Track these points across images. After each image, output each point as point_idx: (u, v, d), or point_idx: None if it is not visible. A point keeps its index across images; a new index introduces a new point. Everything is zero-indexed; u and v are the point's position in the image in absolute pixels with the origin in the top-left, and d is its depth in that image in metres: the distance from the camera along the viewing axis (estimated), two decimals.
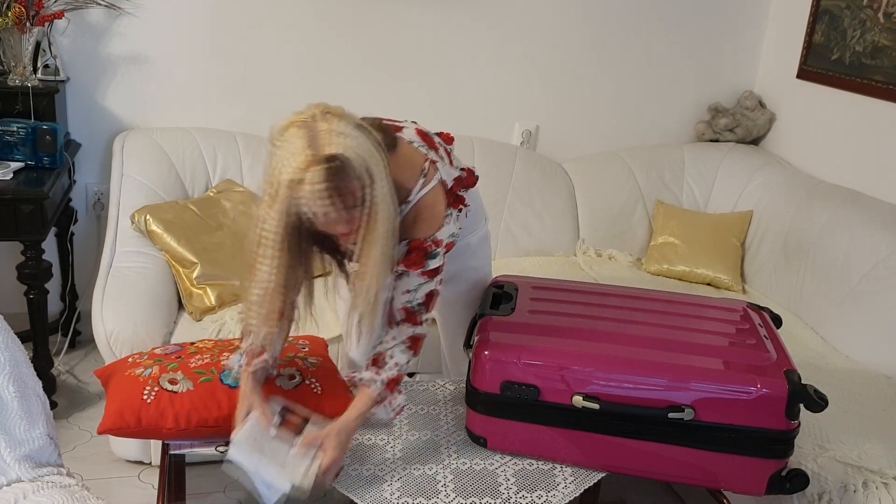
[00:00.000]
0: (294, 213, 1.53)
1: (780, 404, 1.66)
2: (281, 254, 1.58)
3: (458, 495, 1.66)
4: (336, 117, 1.55)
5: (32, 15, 2.68)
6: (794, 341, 2.62)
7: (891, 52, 2.90)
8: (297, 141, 1.49)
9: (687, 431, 1.70)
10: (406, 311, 1.76)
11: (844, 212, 2.86)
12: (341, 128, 1.53)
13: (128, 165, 2.86)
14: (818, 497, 1.93)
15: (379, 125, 1.74)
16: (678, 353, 1.76)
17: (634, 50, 3.45)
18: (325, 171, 1.47)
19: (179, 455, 1.79)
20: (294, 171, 1.48)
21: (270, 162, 1.53)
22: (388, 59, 3.22)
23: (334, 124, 1.53)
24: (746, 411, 1.66)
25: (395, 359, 1.74)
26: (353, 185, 1.51)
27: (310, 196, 1.48)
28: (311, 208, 1.50)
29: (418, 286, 1.76)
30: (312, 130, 1.51)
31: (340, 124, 1.53)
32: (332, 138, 1.50)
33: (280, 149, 1.52)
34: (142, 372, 1.77)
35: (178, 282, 2.61)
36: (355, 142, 1.52)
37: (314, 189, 1.48)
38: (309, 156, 1.48)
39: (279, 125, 1.56)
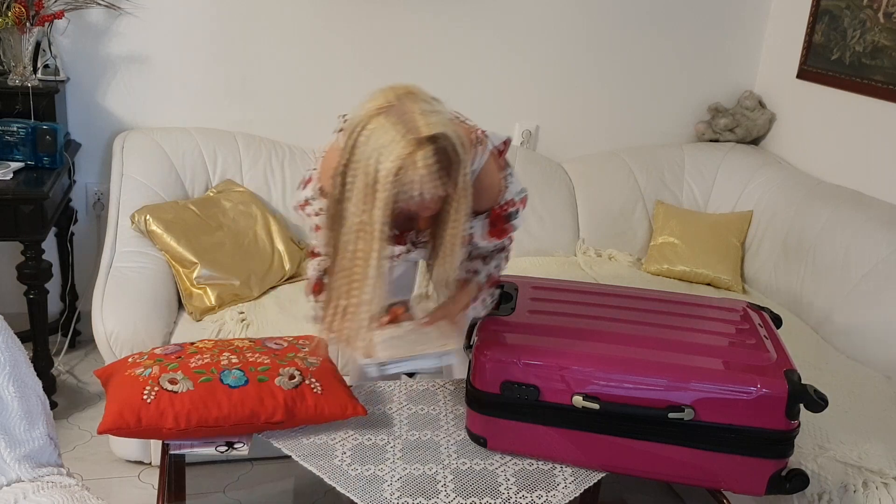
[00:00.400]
0: (396, 202, 1.50)
1: (780, 404, 1.65)
2: (384, 245, 1.54)
3: (458, 495, 1.66)
4: (419, 97, 1.53)
5: (32, 15, 2.68)
6: (794, 341, 2.61)
7: (891, 52, 2.90)
8: (391, 128, 1.46)
9: (687, 431, 1.70)
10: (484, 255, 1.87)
11: (844, 212, 2.86)
12: (430, 107, 1.51)
13: (128, 165, 2.86)
14: (818, 497, 1.93)
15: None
16: (678, 353, 1.76)
17: (634, 50, 3.45)
18: (434, 152, 1.46)
19: (179, 455, 1.79)
20: (399, 158, 1.45)
21: (363, 152, 1.48)
22: (387, 60, 3.22)
23: (422, 104, 1.51)
24: (746, 411, 1.66)
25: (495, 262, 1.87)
26: (455, 159, 1.51)
27: (420, 179, 1.46)
28: (421, 191, 1.48)
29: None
30: (403, 114, 1.48)
31: (426, 104, 1.52)
32: (429, 118, 1.48)
33: (374, 138, 1.47)
34: (142, 372, 1.77)
35: (178, 282, 2.61)
36: (446, 119, 1.52)
37: (427, 171, 1.46)
38: (412, 140, 1.45)
39: (356, 119, 1.52)
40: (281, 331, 2.47)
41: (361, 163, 1.49)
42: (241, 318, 2.54)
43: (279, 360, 1.84)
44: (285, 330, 2.47)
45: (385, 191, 1.47)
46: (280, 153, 3.08)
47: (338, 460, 1.74)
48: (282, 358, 1.86)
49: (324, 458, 1.74)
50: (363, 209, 1.51)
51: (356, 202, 1.51)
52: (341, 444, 1.79)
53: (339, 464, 1.73)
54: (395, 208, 1.51)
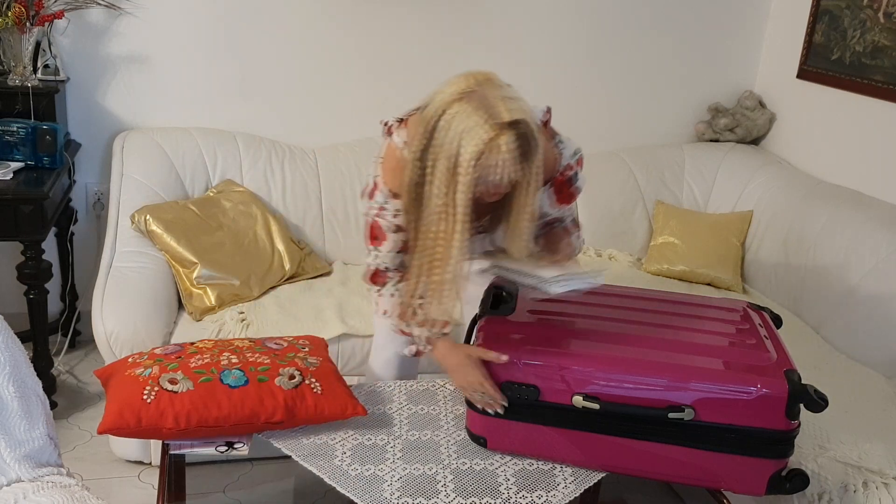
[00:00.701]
0: (476, 185, 1.55)
1: (780, 404, 1.65)
2: (466, 227, 1.60)
3: (458, 495, 1.66)
4: (498, 84, 1.57)
5: (32, 15, 2.68)
6: (794, 341, 2.61)
7: (891, 52, 2.90)
8: (473, 113, 1.51)
9: (687, 431, 1.70)
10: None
11: (844, 212, 2.86)
12: (509, 93, 1.56)
13: (128, 165, 2.86)
14: (818, 497, 1.93)
15: None
16: (678, 353, 1.76)
17: (634, 50, 3.45)
18: (516, 137, 1.51)
19: (179, 455, 1.79)
20: (481, 142, 1.50)
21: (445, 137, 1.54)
22: (387, 59, 3.22)
23: (501, 91, 1.56)
24: (747, 411, 1.66)
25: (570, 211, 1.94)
26: (533, 145, 1.55)
27: (502, 163, 1.52)
28: (502, 175, 1.54)
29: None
30: (484, 100, 1.53)
31: (506, 90, 1.56)
32: (509, 104, 1.53)
33: (456, 123, 1.53)
34: (142, 372, 1.77)
35: (178, 282, 2.61)
36: (525, 104, 1.56)
37: (509, 156, 1.51)
38: (494, 125, 1.50)
39: (434, 105, 1.58)
40: (281, 331, 2.47)
41: (444, 147, 1.54)
42: (241, 318, 2.54)
43: (279, 360, 1.84)
44: (285, 330, 2.47)
45: (467, 174, 1.53)
46: (280, 153, 3.08)
47: (338, 460, 1.74)
48: (282, 358, 1.86)
49: (324, 458, 1.74)
50: (444, 192, 1.57)
51: (437, 185, 1.57)
52: (341, 444, 1.79)
53: (339, 464, 1.73)
54: (475, 192, 1.57)
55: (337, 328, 2.52)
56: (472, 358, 1.74)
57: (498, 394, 1.73)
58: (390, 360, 2.21)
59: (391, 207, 1.81)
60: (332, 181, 3.08)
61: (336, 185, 3.08)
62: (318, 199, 3.06)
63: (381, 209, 1.83)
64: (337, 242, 3.08)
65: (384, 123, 1.85)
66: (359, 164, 3.12)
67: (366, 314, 2.63)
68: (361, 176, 3.11)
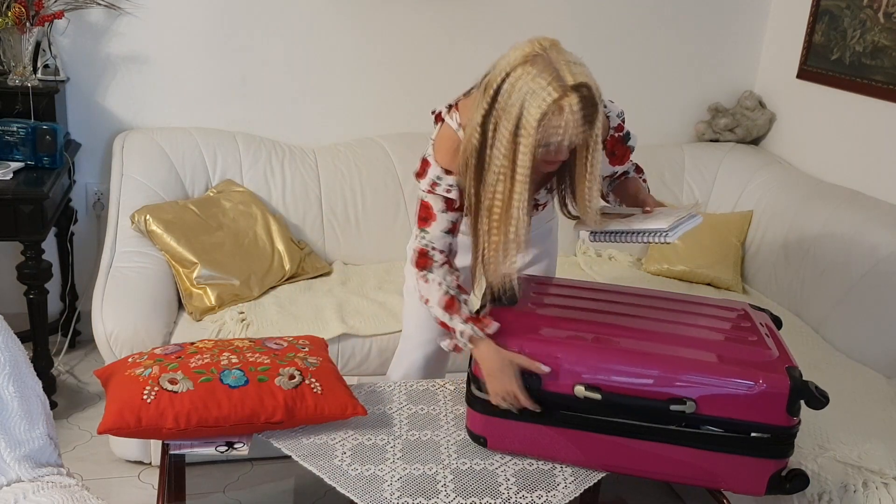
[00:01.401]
0: (538, 146, 1.58)
1: (781, 400, 1.65)
2: (526, 188, 1.61)
3: (458, 495, 1.66)
4: (562, 49, 1.60)
5: (32, 15, 2.68)
6: (794, 341, 2.61)
7: (891, 52, 2.90)
8: (538, 76, 1.54)
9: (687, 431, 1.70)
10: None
11: (844, 212, 2.86)
12: (573, 58, 1.58)
13: (128, 165, 2.86)
14: (818, 497, 1.93)
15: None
16: (680, 346, 1.76)
17: (634, 50, 3.45)
18: (580, 100, 1.53)
19: (179, 455, 1.79)
20: (545, 104, 1.53)
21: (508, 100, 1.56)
22: (387, 59, 3.22)
23: (566, 55, 1.58)
24: (748, 406, 1.66)
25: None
26: (595, 110, 1.58)
27: (566, 125, 1.54)
28: (565, 136, 1.56)
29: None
30: (548, 64, 1.55)
31: (571, 56, 1.58)
32: (573, 68, 1.55)
33: (520, 85, 1.55)
34: (142, 372, 1.77)
35: (178, 282, 2.61)
36: (588, 70, 1.58)
37: (572, 118, 1.54)
38: (559, 87, 1.53)
39: (498, 69, 1.61)
40: (281, 331, 2.47)
41: (507, 109, 1.57)
42: (241, 318, 2.54)
43: (279, 360, 1.84)
44: (285, 330, 2.47)
45: (529, 136, 1.55)
46: (280, 153, 3.08)
47: (338, 460, 1.74)
48: (282, 358, 1.86)
49: (324, 458, 1.74)
50: (505, 154, 1.59)
51: (499, 147, 1.60)
52: (341, 444, 1.79)
53: (339, 464, 1.73)
54: (538, 153, 1.59)
55: (337, 328, 2.52)
56: (513, 365, 1.72)
57: (530, 403, 1.72)
58: (417, 362, 2.22)
59: (444, 182, 1.81)
60: (332, 181, 3.08)
61: (336, 185, 3.08)
62: (318, 199, 3.06)
63: (434, 184, 1.82)
64: (337, 242, 3.08)
65: (433, 113, 1.89)
66: (359, 164, 3.13)
67: (366, 314, 2.63)
68: (361, 176, 3.11)
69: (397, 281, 2.79)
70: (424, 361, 2.22)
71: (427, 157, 1.85)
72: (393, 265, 3.01)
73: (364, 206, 3.10)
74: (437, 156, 1.82)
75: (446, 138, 1.80)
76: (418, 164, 1.88)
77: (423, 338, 2.20)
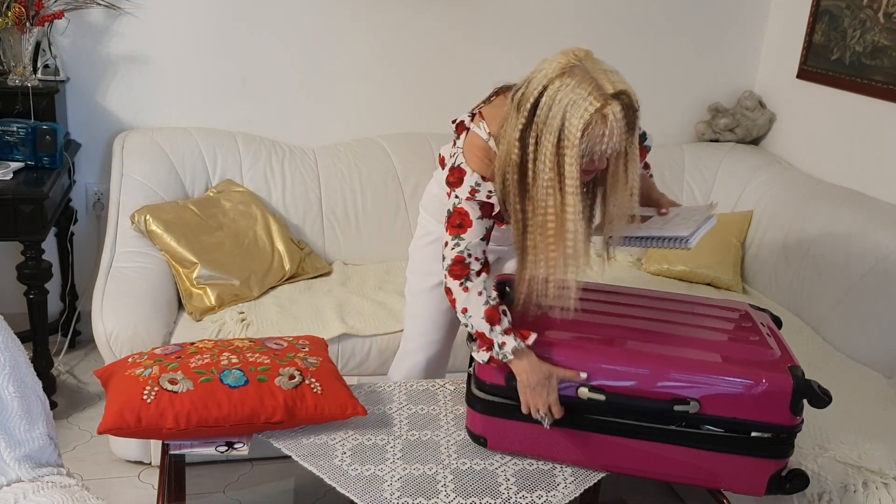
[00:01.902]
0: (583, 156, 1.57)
1: (784, 399, 1.66)
2: (577, 199, 1.60)
3: (458, 495, 1.66)
4: (596, 58, 1.62)
5: (32, 15, 2.68)
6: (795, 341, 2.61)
7: (891, 52, 2.90)
8: (577, 87, 1.55)
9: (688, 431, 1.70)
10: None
11: (844, 212, 2.86)
12: (608, 66, 1.60)
13: (128, 165, 2.86)
14: (818, 497, 1.93)
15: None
16: (682, 347, 1.76)
17: (634, 50, 3.45)
18: (623, 108, 1.55)
19: (179, 455, 1.79)
20: (587, 114, 1.53)
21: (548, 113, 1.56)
22: (388, 59, 3.22)
23: (601, 64, 1.60)
24: (751, 405, 1.66)
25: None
26: (636, 117, 1.59)
27: (610, 133, 1.55)
28: (609, 145, 1.56)
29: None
30: (587, 73, 1.57)
31: (604, 63, 1.60)
32: (611, 77, 1.57)
33: (560, 97, 1.55)
34: (142, 372, 1.77)
35: (178, 282, 2.61)
36: (623, 78, 1.60)
37: (617, 125, 1.54)
38: (600, 97, 1.54)
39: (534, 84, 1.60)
40: (281, 331, 2.47)
41: (548, 122, 1.57)
42: (241, 318, 2.54)
43: (279, 360, 1.84)
44: (285, 330, 2.47)
45: (573, 147, 1.55)
46: (280, 153, 3.08)
47: (338, 460, 1.74)
48: (282, 358, 1.86)
49: (324, 458, 1.74)
50: (551, 167, 1.58)
51: (543, 160, 1.59)
52: (341, 444, 1.79)
53: (339, 464, 1.73)
54: (585, 160, 1.59)
55: (337, 328, 2.52)
56: (554, 377, 1.71)
57: (560, 412, 1.71)
58: (418, 364, 2.22)
59: (484, 189, 1.79)
60: (332, 181, 3.08)
61: (336, 185, 3.08)
62: (318, 199, 3.06)
63: (474, 191, 1.80)
64: (337, 242, 3.08)
65: (454, 122, 1.89)
66: (359, 164, 3.13)
67: (366, 314, 2.63)
68: (361, 176, 3.11)
69: (397, 281, 2.79)
70: (426, 363, 2.22)
71: (461, 166, 1.81)
72: (393, 265, 3.01)
73: (364, 206, 3.10)
74: (472, 164, 1.79)
75: (477, 147, 1.78)
76: (446, 173, 1.86)
77: (426, 340, 2.20)
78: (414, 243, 2.20)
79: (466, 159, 1.80)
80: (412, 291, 2.21)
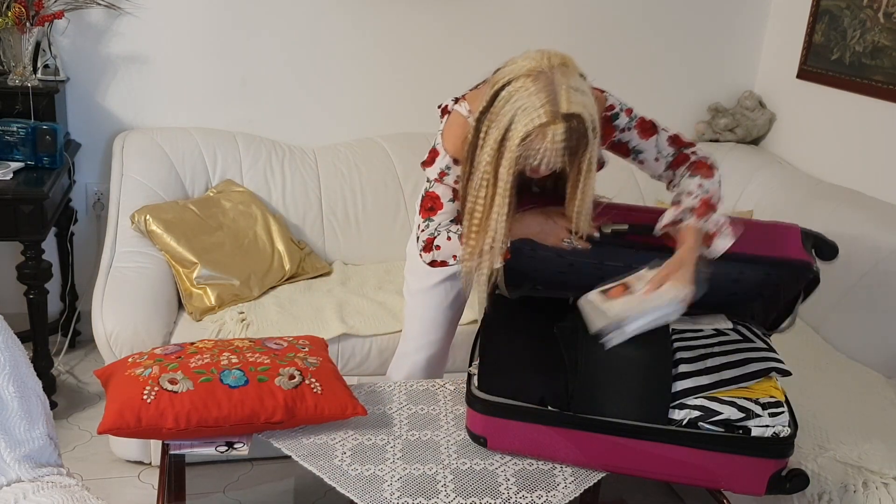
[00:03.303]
0: (519, 163, 1.57)
1: (795, 235, 1.79)
2: (510, 200, 1.61)
3: (458, 495, 1.66)
4: (571, 71, 1.57)
5: (32, 15, 2.68)
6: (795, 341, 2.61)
7: (891, 52, 2.90)
8: (535, 95, 1.52)
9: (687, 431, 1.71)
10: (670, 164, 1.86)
11: (844, 212, 2.86)
12: (578, 84, 1.55)
13: (128, 165, 2.86)
14: (818, 497, 1.93)
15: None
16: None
17: (634, 50, 3.45)
18: (567, 131, 1.51)
19: (179, 455, 1.79)
20: (532, 126, 1.51)
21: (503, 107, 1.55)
22: (387, 59, 3.22)
23: (572, 80, 1.55)
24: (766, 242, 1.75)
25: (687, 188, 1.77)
26: (583, 141, 1.55)
27: (545, 152, 1.53)
28: (543, 161, 1.55)
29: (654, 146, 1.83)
30: (551, 85, 1.53)
31: (575, 80, 1.56)
32: (573, 96, 1.52)
33: (516, 98, 1.53)
34: (142, 372, 1.77)
35: (178, 282, 2.61)
36: (589, 99, 1.55)
37: (554, 147, 1.52)
38: (549, 112, 1.50)
39: (504, 73, 1.58)
40: (281, 331, 2.47)
41: (499, 116, 1.55)
42: (241, 318, 2.54)
43: (279, 360, 1.84)
44: (285, 330, 2.47)
45: (511, 151, 1.54)
46: (280, 153, 3.08)
47: (338, 460, 1.74)
48: (282, 358, 1.86)
49: (324, 458, 1.74)
50: (489, 161, 1.58)
51: (486, 152, 1.58)
52: (341, 444, 1.79)
53: (339, 464, 1.73)
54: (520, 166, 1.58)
55: (337, 328, 2.52)
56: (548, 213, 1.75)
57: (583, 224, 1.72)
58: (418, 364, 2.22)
59: (453, 173, 1.81)
60: (332, 181, 3.08)
61: (336, 185, 3.08)
62: (318, 199, 3.06)
63: (443, 174, 1.82)
64: (337, 242, 3.08)
65: (440, 107, 1.89)
66: (359, 164, 3.13)
67: (366, 314, 2.63)
68: (361, 176, 3.11)
69: (397, 281, 2.79)
70: (426, 362, 2.23)
71: (436, 147, 1.84)
72: (393, 265, 3.01)
73: (364, 206, 3.10)
74: (447, 143, 1.81)
75: (457, 125, 1.78)
76: (426, 154, 1.87)
77: (426, 339, 2.20)
78: (411, 242, 2.20)
79: (444, 140, 1.82)
80: (411, 291, 2.21)
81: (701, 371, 1.76)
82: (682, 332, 1.89)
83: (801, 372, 1.74)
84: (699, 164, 1.83)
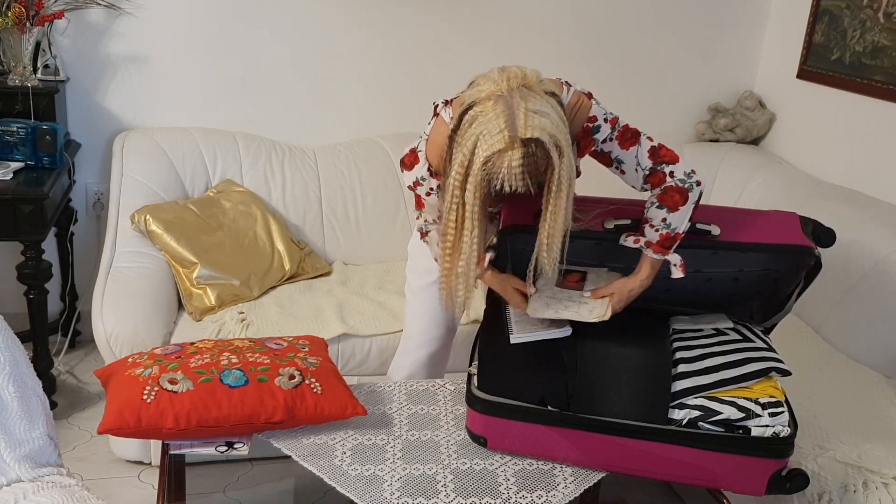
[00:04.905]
0: (487, 183, 1.58)
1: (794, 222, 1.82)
2: (480, 222, 1.62)
3: (458, 495, 1.66)
4: (531, 92, 1.58)
5: (32, 15, 2.68)
6: (795, 341, 2.62)
7: (891, 52, 2.90)
8: (495, 119, 1.53)
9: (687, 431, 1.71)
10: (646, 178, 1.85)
11: (844, 212, 2.86)
12: (537, 106, 1.56)
13: (128, 165, 2.86)
14: (818, 497, 1.93)
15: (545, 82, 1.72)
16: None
17: (634, 50, 3.45)
18: (524, 156, 1.52)
19: (179, 455, 1.79)
20: (492, 151, 1.53)
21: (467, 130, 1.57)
22: (387, 59, 3.22)
23: (530, 102, 1.56)
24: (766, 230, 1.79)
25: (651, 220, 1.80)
26: (545, 163, 1.56)
27: (506, 175, 1.54)
28: (505, 183, 1.55)
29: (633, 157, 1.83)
30: (510, 108, 1.54)
31: (536, 101, 1.56)
32: (530, 120, 1.53)
33: (478, 122, 1.56)
34: (142, 372, 1.77)
35: (178, 282, 2.61)
36: (549, 120, 1.56)
37: (512, 170, 1.53)
38: (507, 137, 1.52)
39: (469, 94, 1.60)
40: (281, 331, 2.47)
41: (463, 140, 1.57)
42: (241, 318, 2.54)
43: (279, 360, 1.84)
44: (285, 330, 2.47)
45: (476, 175, 1.56)
46: (280, 153, 3.08)
47: (338, 460, 1.74)
48: (282, 358, 1.86)
49: (324, 458, 1.74)
50: (456, 184, 1.59)
51: (453, 175, 1.60)
52: (341, 444, 1.79)
53: (339, 464, 1.73)
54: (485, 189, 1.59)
55: (337, 328, 2.52)
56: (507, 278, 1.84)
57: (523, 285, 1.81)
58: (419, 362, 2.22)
59: (426, 185, 1.82)
60: (332, 181, 3.08)
61: (336, 185, 3.08)
62: (318, 199, 3.06)
63: (417, 183, 1.84)
64: (337, 242, 3.08)
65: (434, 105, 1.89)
66: (359, 164, 3.13)
67: (366, 314, 2.63)
68: (361, 176, 3.11)
69: (397, 281, 2.79)
70: (428, 360, 2.23)
71: (417, 152, 1.84)
72: (393, 265, 3.00)
73: (364, 206, 3.10)
74: (429, 151, 1.81)
75: (440, 135, 1.77)
76: (406, 151, 1.87)
77: (427, 337, 2.20)
78: (412, 241, 2.20)
79: (427, 147, 1.82)
80: (412, 289, 2.22)
81: (701, 371, 1.76)
82: (682, 331, 1.89)
83: (801, 372, 1.74)
84: (670, 192, 1.81)
